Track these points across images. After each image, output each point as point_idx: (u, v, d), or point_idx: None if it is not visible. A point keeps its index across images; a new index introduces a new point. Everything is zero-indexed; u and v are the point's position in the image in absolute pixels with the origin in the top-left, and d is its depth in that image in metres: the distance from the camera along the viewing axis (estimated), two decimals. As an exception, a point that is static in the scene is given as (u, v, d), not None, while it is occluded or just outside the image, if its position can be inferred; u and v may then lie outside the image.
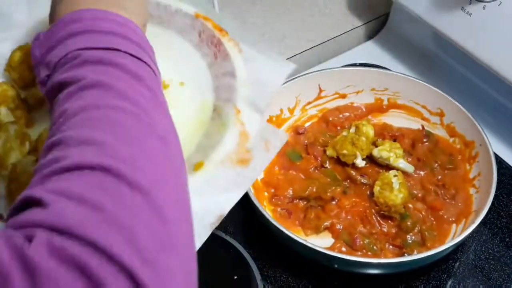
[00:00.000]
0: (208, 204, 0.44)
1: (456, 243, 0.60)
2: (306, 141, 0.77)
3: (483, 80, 0.83)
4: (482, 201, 0.65)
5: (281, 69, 0.51)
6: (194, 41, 0.54)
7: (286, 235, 0.61)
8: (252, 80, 0.51)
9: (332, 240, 0.67)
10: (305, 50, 0.90)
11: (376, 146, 0.73)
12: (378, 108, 0.81)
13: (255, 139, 0.48)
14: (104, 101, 0.35)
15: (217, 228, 0.69)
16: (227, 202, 0.45)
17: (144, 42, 0.42)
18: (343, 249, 0.65)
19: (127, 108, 0.35)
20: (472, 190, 0.70)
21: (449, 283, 0.65)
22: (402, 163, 0.70)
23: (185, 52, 0.54)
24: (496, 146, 0.79)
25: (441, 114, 0.76)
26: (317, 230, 0.68)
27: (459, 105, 0.73)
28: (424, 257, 0.59)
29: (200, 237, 0.43)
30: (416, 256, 0.60)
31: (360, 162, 0.72)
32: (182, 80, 0.53)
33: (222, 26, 0.54)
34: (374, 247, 0.66)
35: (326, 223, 0.67)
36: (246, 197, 0.64)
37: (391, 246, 0.66)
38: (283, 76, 0.51)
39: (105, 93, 0.36)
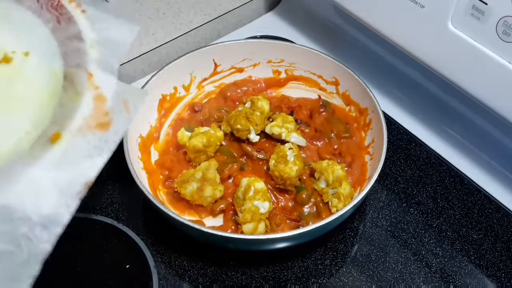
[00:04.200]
0: (72, 174, 0.43)
1: (346, 212, 0.59)
2: (202, 118, 0.74)
3: (384, 48, 0.82)
4: (374, 168, 0.64)
5: (129, 27, 0.49)
6: (33, 8, 0.50)
7: (175, 219, 0.58)
8: (101, 41, 0.48)
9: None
10: (201, 25, 0.86)
11: (272, 121, 0.71)
12: (276, 82, 0.79)
13: (112, 101, 0.47)
14: None
15: (108, 216, 0.67)
16: (92, 169, 0.44)
17: None
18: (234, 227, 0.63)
19: None
20: (367, 158, 0.69)
21: (346, 252, 0.65)
22: (294, 137, 0.69)
23: (25, 21, 0.50)
24: (394, 112, 0.79)
25: (336, 83, 0.75)
26: (212, 213, 0.65)
27: (352, 72, 0.72)
28: (316, 228, 0.58)
29: (69, 208, 0.42)
30: (308, 227, 0.58)
31: (254, 137, 0.69)
32: (26, 50, 0.49)
33: None
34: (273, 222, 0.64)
35: (221, 206, 0.65)
36: (135, 182, 0.60)
37: (288, 221, 0.65)
38: (133, 34, 0.49)
39: None
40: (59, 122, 0.46)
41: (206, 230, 0.58)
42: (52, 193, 0.43)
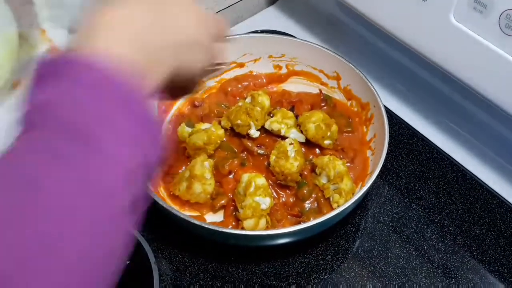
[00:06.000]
0: None
1: (347, 207, 0.58)
2: (202, 113, 0.74)
3: (386, 42, 0.81)
4: (376, 163, 0.63)
5: None
6: None
7: (176, 215, 0.58)
8: (50, 2, 0.56)
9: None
10: (202, 20, 0.85)
11: (272, 116, 0.71)
12: (277, 77, 0.78)
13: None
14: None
15: (108, 212, 0.66)
16: None
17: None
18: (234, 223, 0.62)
19: None
20: (369, 153, 0.69)
21: (348, 248, 0.65)
22: (294, 133, 0.69)
23: None
24: (396, 107, 0.78)
25: (337, 78, 0.74)
26: (213, 209, 0.65)
27: (353, 67, 0.71)
28: (317, 224, 0.57)
29: None
30: (309, 223, 0.58)
31: (255, 133, 0.69)
32: None
33: None
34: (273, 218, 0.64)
35: (222, 202, 0.65)
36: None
37: (289, 216, 0.65)
38: None
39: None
40: (18, 72, 0.53)
41: (206, 226, 0.58)
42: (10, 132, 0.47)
